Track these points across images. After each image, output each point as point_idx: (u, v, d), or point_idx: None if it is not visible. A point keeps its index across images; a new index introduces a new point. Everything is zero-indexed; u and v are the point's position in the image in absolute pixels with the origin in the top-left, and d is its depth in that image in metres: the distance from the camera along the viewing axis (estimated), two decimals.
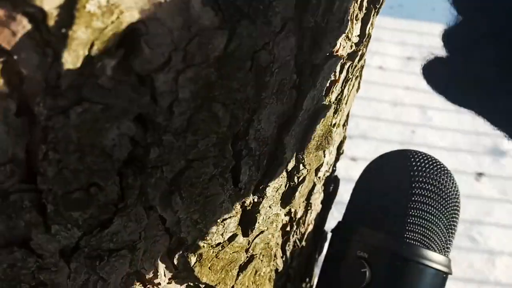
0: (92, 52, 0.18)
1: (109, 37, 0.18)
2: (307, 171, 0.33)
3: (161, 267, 0.29)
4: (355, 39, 0.30)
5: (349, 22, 0.27)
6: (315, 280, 0.47)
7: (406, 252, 0.37)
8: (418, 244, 0.38)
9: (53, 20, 0.17)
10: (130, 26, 0.18)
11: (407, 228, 0.39)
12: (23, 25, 0.17)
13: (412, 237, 0.38)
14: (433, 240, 0.39)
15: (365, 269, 0.38)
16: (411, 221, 0.39)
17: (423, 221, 0.39)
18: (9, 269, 0.23)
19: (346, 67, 0.30)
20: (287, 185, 0.32)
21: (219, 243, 0.30)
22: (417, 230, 0.39)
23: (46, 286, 0.25)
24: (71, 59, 0.18)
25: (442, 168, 0.40)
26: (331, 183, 0.43)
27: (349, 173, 0.47)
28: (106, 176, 0.22)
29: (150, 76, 0.20)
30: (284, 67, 0.25)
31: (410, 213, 0.39)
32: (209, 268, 0.30)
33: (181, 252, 0.29)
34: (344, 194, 0.46)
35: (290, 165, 0.31)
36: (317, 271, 0.46)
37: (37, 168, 0.21)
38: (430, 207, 0.39)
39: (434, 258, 0.38)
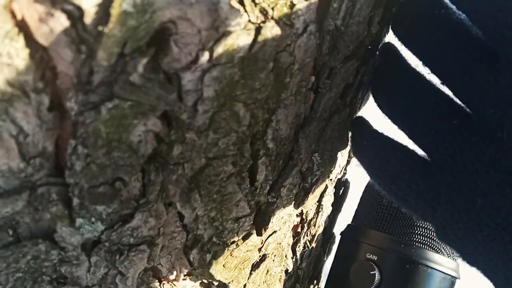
0: (125, 50, 0.18)
1: (142, 35, 0.18)
2: (321, 172, 0.33)
3: (177, 263, 0.29)
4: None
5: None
6: (322, 284, 0.47)
7: (415, 255, 0.38)
8: (427, 247, 0.38)
9: (90, 18, 0.17)
10: (161, 25, 0.19)
11: (416, 231, 0.39)
12: (61, 22, 0.17)
13: (421, 240, 0.39)
14: (441, 243, 0.39)
15: (374, 271, 0.39)
16: (420, 224, 0.39)
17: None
18: (33, 261, 0.24)
19: (361, 70, 0.31)
20: (301, 186, 0.33)
21: (233, 241, 0.31)
22: (426, 234, 0.39)
23: (66, 279, 0.26)
24: (106, 56, 0.18)
25: None
26: (342, 186, 0.43)
27: (354, 178, 0.47)
28: (131, 171, 0.22)
29: (177, 74, 0.21)
30: (303, 69, 0.25)
31: None
32: (223, 265, 0.31)
33: (197, 249, 0.29)
34: (349, 198, 0.46)
35: (305, 166, 0.31)
36: (324, 273, 0.46)
37: (65, 162, 0.21)
38: None
39: (443, 262, 0.38)
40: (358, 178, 0.47)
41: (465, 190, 0.25)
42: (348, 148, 0.38)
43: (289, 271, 0.39)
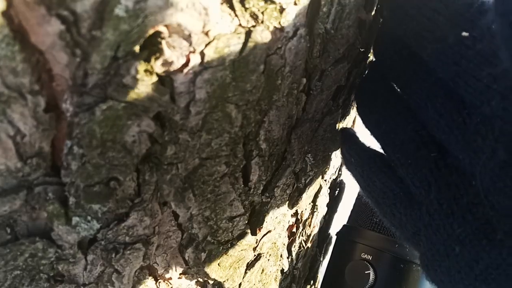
0: (118, 53, 0.19)
1: (134, 39, 0.19)
2: (314, 173, 0.34)
3: (173, 262, 0.30)
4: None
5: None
6: (319, 284, 0.48)
7: (409, 255, 0.38)
8: None
9: (85, 22, 0.18)
10: (153, 29, 0.19)
11: None
12: (56, 27, 0.18)
13: None
14: None
15: (368, 271, 0.39)
16: None
17: None
18: (30, 259, 0.24)
19: (354, 72, 0.31)
20: (295, 186, 0.33)
21: (228, 241, 0.31)
22: None
23: (63, 277, 0.26)
24: (99, 59, 0.19)
25: None
26: (337, 187, 0.44)
27: (350, 179, 0.48)
28: (125, 171, 0.23)
29: (169, 76, 0.21)
30: (294, 71, 0.26)
31: None
32: (218, 264, 0.31)
33: (192, 248, 0.30)
34: (347, 198, 0.47)
35: (298, 167, 0.32)
36: (321, 274, 0.47)
37: (61, 162, 0.22)
38: None
39: None
40: (352, 180, 0.47)
41: (443, 232, 0.24)
42: None
43: (284, 271, 0.39)
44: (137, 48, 0.20)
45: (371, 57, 0.33)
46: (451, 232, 0.23)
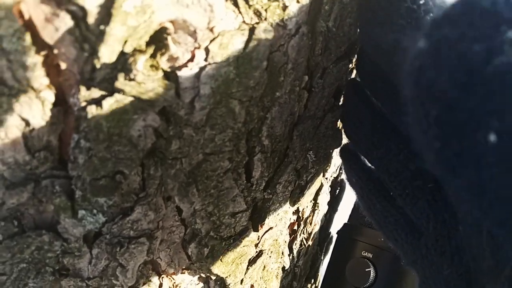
0: (126, 48, 0.20)
1: (141, 34, 0.20)
2: (316, 170, 0.34)
3: (176, 257, 0.30)
4: None
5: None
6: (320, 283, 0.48)
7: None
8: None
9: (93, 17, 0.18)
10: (160, 24, 0.20)
11: None
12: (65, 22, 0.18)
13: None
14: None
15: (369, 268, 0.39)
16: None
17: None
18: (37, 252, 0.25)
19: (355, 71, 0.32)
20: (296, 183, 0.34)
21: (230, 236, 0.31)
22: None
23: (69, 271, 0.27)
24: (108, 54, 0.19)
25: None
26: (338, 185, 0.44)
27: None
28: (131, 164, 0.23)
29: (175, 72, 0.22)
30: (297, 68, 0.26)
31: None
32: (220, 260, 0.32)
33: (195, 243, 0.30)
34: (348, 197, 0.47)
35: (300, 164, 0.32)
36: (322, 272, 0.47)
37: (69, 155, 0.22)
38: None
39: None
40: None
41: (435, 269, 0.23)
42: None
43: (286, 268, 0.40)
44: (143, 44, 0.20)
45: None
46: (441, 271, 0.23)
